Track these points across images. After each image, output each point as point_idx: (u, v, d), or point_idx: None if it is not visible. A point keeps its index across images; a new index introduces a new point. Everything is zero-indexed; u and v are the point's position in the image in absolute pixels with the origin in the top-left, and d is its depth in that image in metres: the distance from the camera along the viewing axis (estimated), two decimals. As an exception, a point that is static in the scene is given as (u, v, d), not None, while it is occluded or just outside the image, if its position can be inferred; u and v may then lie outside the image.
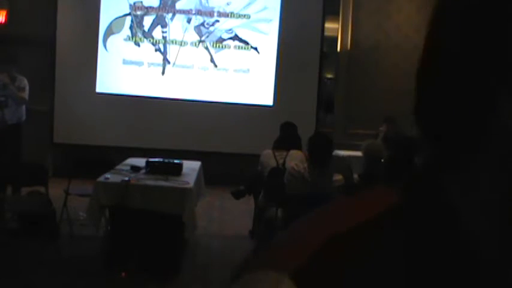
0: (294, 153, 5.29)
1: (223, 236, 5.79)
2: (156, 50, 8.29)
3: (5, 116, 6.41)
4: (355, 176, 4.82)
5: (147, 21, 8.27)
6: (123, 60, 8.28)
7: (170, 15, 8.28)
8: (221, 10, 8.30)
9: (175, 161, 5.01)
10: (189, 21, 8.29)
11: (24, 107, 6.60)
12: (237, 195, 5.84)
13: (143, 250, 4.44)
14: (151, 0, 8.25)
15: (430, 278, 0.48)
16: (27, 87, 6.52)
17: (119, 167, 5.10)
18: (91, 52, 8.20)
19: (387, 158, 4.27)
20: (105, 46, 8.26)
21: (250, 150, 7.16)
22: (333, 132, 7.93)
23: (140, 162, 5.13)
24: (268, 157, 5.36)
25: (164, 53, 8.30)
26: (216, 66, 8.33)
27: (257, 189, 5.43)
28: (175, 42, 8.29)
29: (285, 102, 8.28)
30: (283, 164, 5.19)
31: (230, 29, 8.33)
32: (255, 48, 8.37)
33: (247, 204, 5.87)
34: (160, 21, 8.28)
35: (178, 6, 8.27)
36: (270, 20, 8.38)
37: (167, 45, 8.30)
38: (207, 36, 8.31)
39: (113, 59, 8.28)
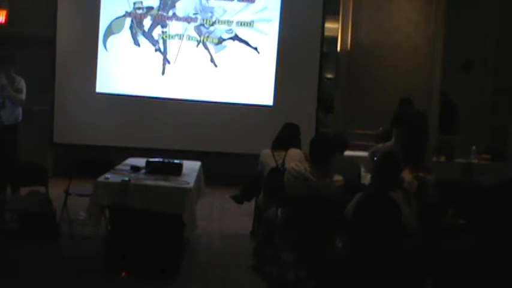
0: (292, 152, 5.28)
1: (223, 236, 5.78)
2: (156, 50, 8.29)
3: (2, 117, 6.40)
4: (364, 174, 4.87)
5: (147, 21, 8.27)
6: (123, 60, 8.28)
7: (170, 15, 8.27)
8: (221, 11, 8.29)
9: (175, 161, 5.01)
10: (189, 21, 8.29)
11: (20, 108, 6.58)
12: (238, 200, 5.84)
13: (143, 250, 4.44)
14: (151, 0, 8.25)
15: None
16: (24, 89, 6.50)
17: (119, 167, 5.09)
18: (91, 52, 8.20)
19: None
20: (105, 46, 8.25)
21: (250, 150, 7.16)
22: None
23: (140, 162, 5.12)
24: (267, 157, 5.35)
25: (164, 53, 8.30)
26: (216, 66, 8.33)
27: (257, 190, 5.43)
28: (175, 43, 8.28)
29: (285, 102, 8.28)
30: (283, 163, 5.19)
31: (230, 29, 8.33)
32: (255, 48, 8.37)
33: (247, 204, 5.87)
34: (160, 21, 8.28)
35: (179, 6, 8.27)
36: (270, 20, 8.38)
37: (167, 45, 8.29)
38: (207, 36, 8.32)
39: (113, 59, 8.28)
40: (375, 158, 4.25)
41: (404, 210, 3.62)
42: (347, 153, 6.68)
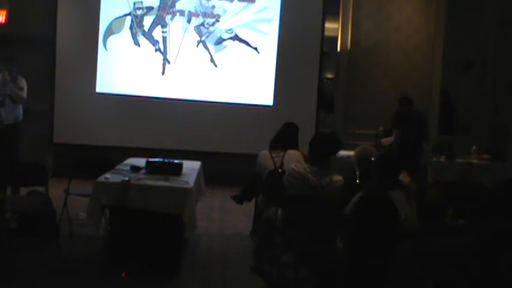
0: (291, 153, 5.27)
1: (223, 236, 5.79)
2: (156, 50, 8.29)
3: (2, 116, 6.40)
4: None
5: (147, 21, 8.27)
6: (123, 60, 8.28)
7: (170, 15, 8.28)
8: (221, 12, 8.30)
9: (175, 161, 5.01)
10: (189, 21, 8.29)
11: (21, 107, 6.59)
12: (238, 200, 5.84)
13: (143, 250, 4.44)
14: (151, 0, 8.25)
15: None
16: (25, 87, 6.52)
17: (119, 167, 5.10)
18: (91, 52, 8.20)
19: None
20: (105, 46, 8.26)
21: (250, 150, 7.16)
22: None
23: (140, 162, 5.12)
24: (265, 158, 5.34)
25: (164, 53, 8.30)
26: (216, 66, 8.33)
27: (257, 190, 5.43)
28: (175, 42, 8.29)
29: (285, 102, 8.28)
30: (281, 165, 5.17)
31: (230, 29, 8.33)
32: (255, 48, 8.37)
33: (247, 204, 5.87)
34: (160, 21, 8.28)
35: (179, 6, 8.27)
36: (270, 20, 8.38)
37: (167, 45, 8.30)
38: (207, 36, 8.32)
39: (113, 59, 8.28)
40: (372, 159, 4.24)
41: (404, 210, 3.62)
42: (347, 153, 6.70)
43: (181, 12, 8.26)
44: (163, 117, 8.30)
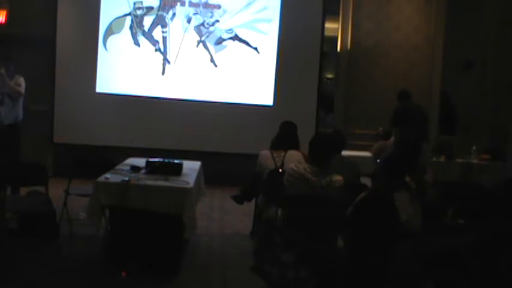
0: (292, 153, 5.27)
1: (223, 236, 5.78)
2: (156, 50, 8.29)
3: (1, 115, 6.39)
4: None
5: (147, 21, 8.27)
6: (123, 60, 8.28)
7: (170, 15, 8.28)
8: (221, 11, 8.30)
9: (175, 161, 5.01)
10: (189, 21, 8.29)
11: (21, 106, 6.57)
12: (238, 200, 5.84)
13: (143, 250, 4.44)
14: (151, 0, 8.25)
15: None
16: (23, 84, 6.51)
17: (119, 167, 5.09)
18: (91, 52, 8.20)
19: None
20: (105, 46, 8.26)
21: (250, 150, 7.16)
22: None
23: (140, 162, 5.12)
24: (266, 158, 5.33)
25: (164, 53, 8.30)
26: (216, 66, 8.34)
27: (257, 190, 5.43)
28: (175, 42, 8.29)
29: (285, 102, 8.28)
30: (282, 165, 5.17)
31: (230, 29, 8.33)
32: (255, 48, 8.37)
33: (247, 204, 5.87)
34: (160, 21, 8.28)
35: (179, 6, 8.27)
36: (270, 20, 8.38)
37: (167, 45, 8.30)
38: (207, 36, 8.32)
39: (113, 59, 8.28)
40: (378, 160, 4.24)
41: (407, 211, 3.62)
42: (347, 153, 6.70)
43: (182, 3, 8.24)
44: (163, 117, 8.30)
